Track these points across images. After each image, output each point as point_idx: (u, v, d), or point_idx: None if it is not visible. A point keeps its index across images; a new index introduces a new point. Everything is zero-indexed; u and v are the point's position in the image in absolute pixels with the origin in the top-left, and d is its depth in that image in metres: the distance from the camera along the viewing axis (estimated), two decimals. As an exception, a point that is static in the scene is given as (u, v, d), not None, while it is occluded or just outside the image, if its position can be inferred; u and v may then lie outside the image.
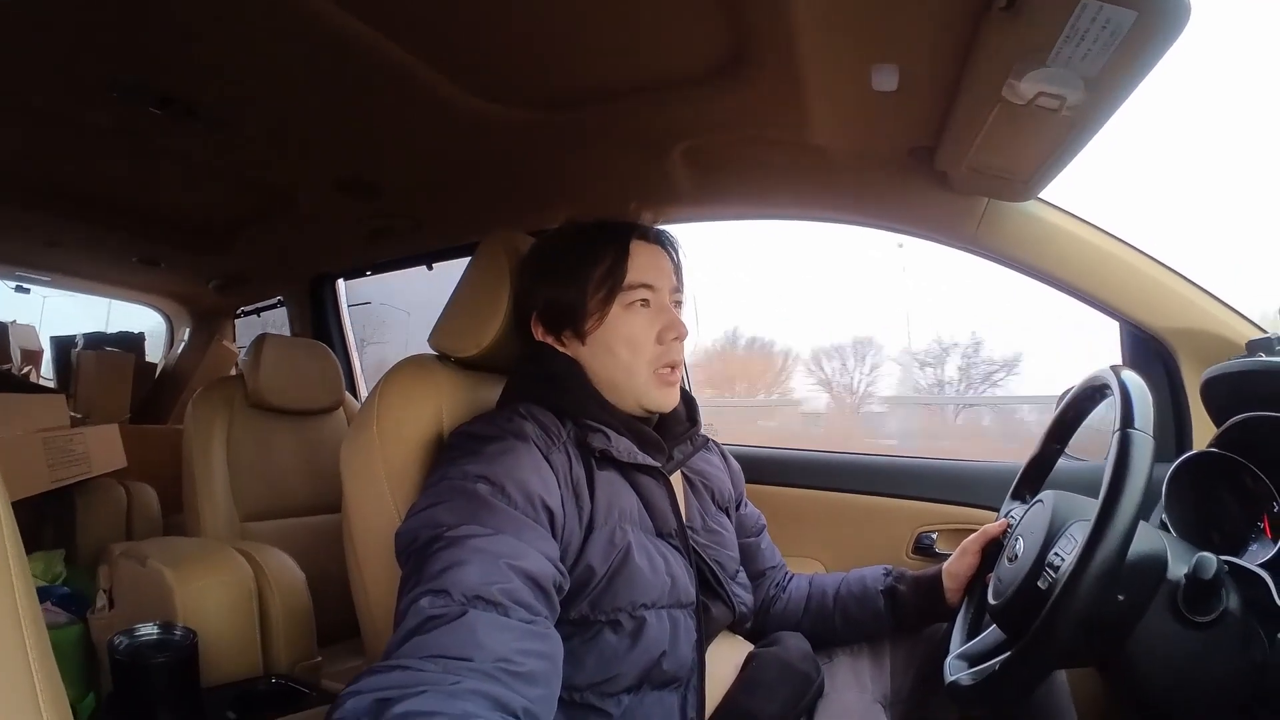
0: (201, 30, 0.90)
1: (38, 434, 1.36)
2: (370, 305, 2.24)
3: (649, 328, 0.81)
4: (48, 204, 1.61)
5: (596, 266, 0.81)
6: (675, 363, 0.82)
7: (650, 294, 0.82)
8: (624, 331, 0.81)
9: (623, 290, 0.81)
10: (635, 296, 0.81)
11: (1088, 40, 0.60)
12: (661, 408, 0.83)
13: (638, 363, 0.81)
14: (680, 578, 0.76)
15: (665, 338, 0.81)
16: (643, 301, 0.82)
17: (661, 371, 0.81)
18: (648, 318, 0.82)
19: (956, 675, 0.71)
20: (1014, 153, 0.85)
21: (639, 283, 0.81)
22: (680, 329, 0.82)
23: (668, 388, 0.82)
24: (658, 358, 0.81)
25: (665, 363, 0.82)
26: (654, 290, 0.82)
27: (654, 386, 0.81)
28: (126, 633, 0.90)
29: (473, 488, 0.65)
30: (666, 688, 0.73)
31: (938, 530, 1.18)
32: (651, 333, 0.81)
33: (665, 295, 0.83)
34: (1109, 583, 0.58)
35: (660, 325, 0.82)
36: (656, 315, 0.82)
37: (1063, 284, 1.04)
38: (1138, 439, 0.61)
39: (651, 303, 0.82)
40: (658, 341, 0.81)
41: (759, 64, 0.84)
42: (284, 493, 1.55)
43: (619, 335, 0.81)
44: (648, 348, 0.81)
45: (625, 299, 0.81)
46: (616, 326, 0.81)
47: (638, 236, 0.84)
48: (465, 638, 0.53)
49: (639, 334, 0.81)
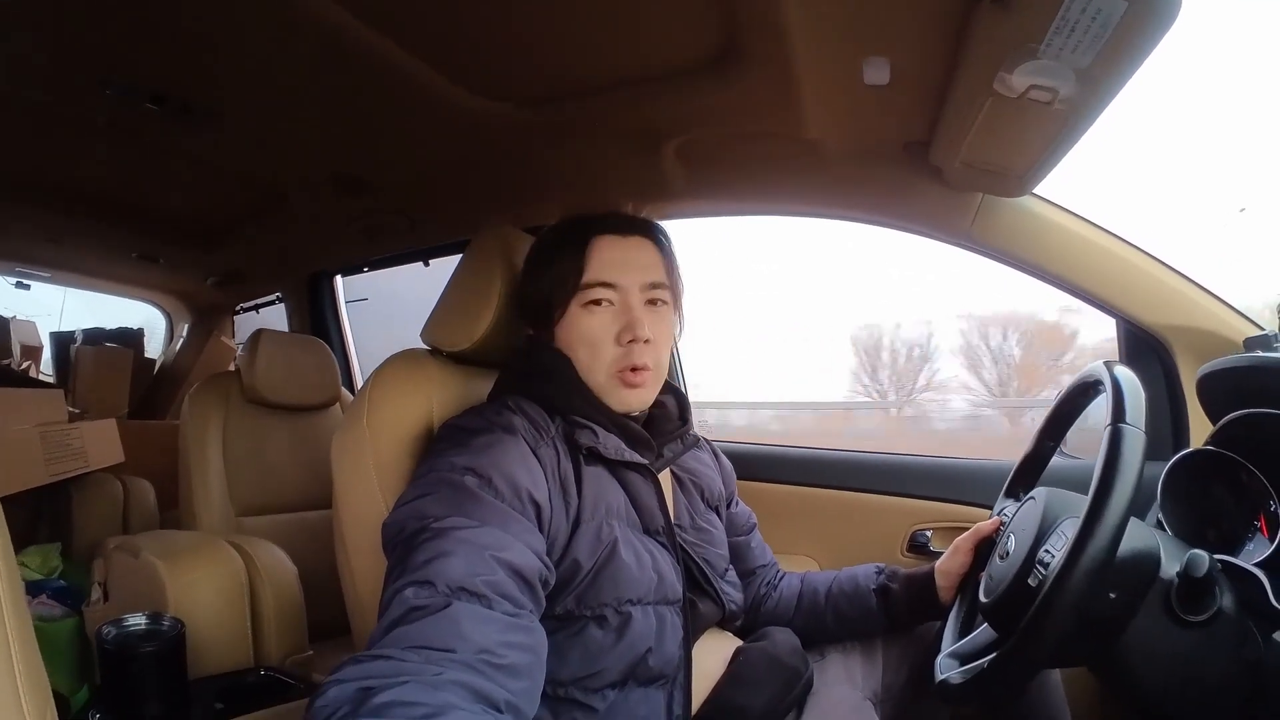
0: (194, 28, 0.90)
1: (36, 428, 1.37)
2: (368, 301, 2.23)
3: (608, 328, 0.79)
4: (46, 200, 1.62)
5: (556, 264, 0.80)
6: (637, 365, 0.78)
7: (611, 293, 0.79)
8: (581, 331, 0.79)
9: (580, 289, 0.79)
10: (591, 296, 0.79)
11: (1078, 32, 0.60)
12: (623, 408, 0.80)
13: (596, 364, 0.79)
14: (667, 574, 0.76)
15: (623, 339, 0.78)
16: (603, 301, 0.79)
17: (622, 374, 0.78)
18: (608, 318, 0.79)
19: (947, 673, 0.70)
20: (1007, 147, 0.84)
21: (597, 281, 0.78)
22: (638, 331, 0.77)
23: (628, 389, 0.79)
24: (617, 360, 0.78)
25: (625, 365, 0.78)
26: (616, 289, 0.79)
27: (615, 387, 0.79)
28: (115, 623, 0.91)
29: (460, 480, 0.65)
30: (652, 684, 0.73)
31: (932, 528, 1.17)
32: (610, 334, 0.78)
33: (632, 293, 0.79)
34: (1099, 579, 0.57)
35: (619, 326, 0.78)
36: (618, 315, 0.79)
37: (1058, 280, 1.03)
38: (1129, 433, 0.60)
39: (615, 302, 0.79)
40: (616, 342, 0.78)
41: (751, 58, 0.84)
42: (279, 488, 1.55)
43: (577, 335, 0.79)
44: (606, 349, 0.78)
45: (582, 298, 0.79)
46: (574, 326, 0.79)
47: (604, 231, 0.81)
48: (448, 629, 0.53)
49: (596, 335, 0.78)
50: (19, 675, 0.36)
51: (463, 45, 0.91)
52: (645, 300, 0.80)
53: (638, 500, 0.77)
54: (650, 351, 0.79)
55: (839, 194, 1.15)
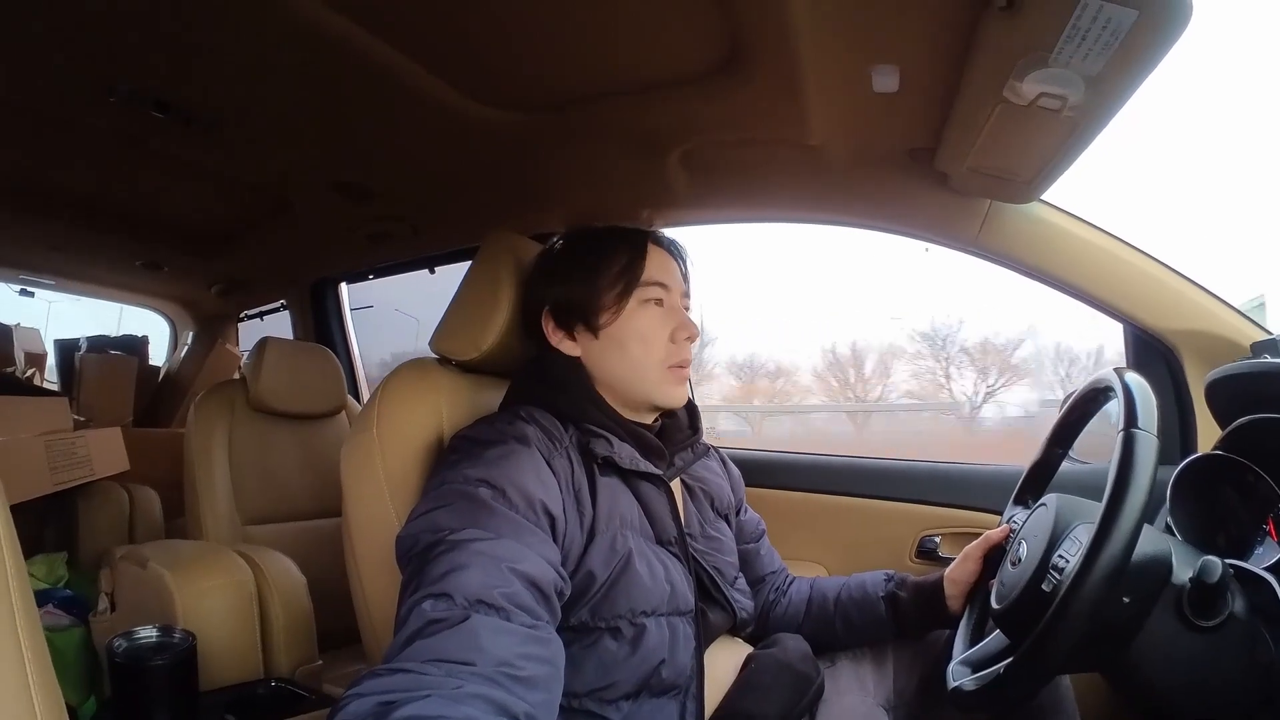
0: (199, 36, 0.90)
1: (40, 437, 1.37)
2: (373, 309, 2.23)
3: (663, 325, 0.83)
4: (50, 208, 1.62)
5: (614, 262, 0.83)
6: (686, 361, 0.84)
7: (664, 293, 0.84)
8: (639, 327, 0.82)
9: (640, 286, 0.82)
10: (651, 294, 0.83)
11: (1089, 40, 0.60)
12: (673, 404, 0.84)
13: (650, 359, 0.82)
14: (679, 585, 0.76)
15: (678, 336, 0.83)
16: (657, 300, 0.83)
17: (673, 368, 0.83)
18: (661, 316, 0.83)
19: (960, 680, 0.70)
20: (1015, 154, 0.84)
21: (655, 280, 0.83)
22: (692, 329, 0.84)
23: (679, 385, 0.84)
24: (670, 355, 0.83)
25: (676, 360, 0.83)
26: (668, 290, 0.84)
27: (666, 383, 0.83)
28: (125, 635, 0.90)
29: (474, 491, 0.65)
30: (665, 695, 0.73)
31: (941, 534, 1.17)
32: (665, 330, 0.83)
33: (678, 297, 0.85)
34: (1114, 584, 0.57)
35: (674, 324, 0.83)
36: (670, 314, 0.84)
37: (1067, 286, 1.03)
38: (1142, 439, 0.60)
39: (665, 302, 0.84)
40: (670, 340, 0.83)
41: (758, 65, 0.84)
42: (285, 496, 1.55)
43: (633, 330, 0.82)
44: (660, 345, 0.82)
45: (641, 295, 0.82)
46: (631, 321, 0.82)
47: (654, 241, 0.86)
48: (467, 642, 0.53)
49: (653, 330, 0.82)
50: (33, 687, 0.36)
51: (468, 53, 0.91)
52: (683, 307, 0.87)
53: (650, 511, 0.77)
54: (690, 350, 0.85)
55: (845, 201, 1.15)
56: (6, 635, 0.35)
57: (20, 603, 0.37)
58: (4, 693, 0.34)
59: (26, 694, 0.35)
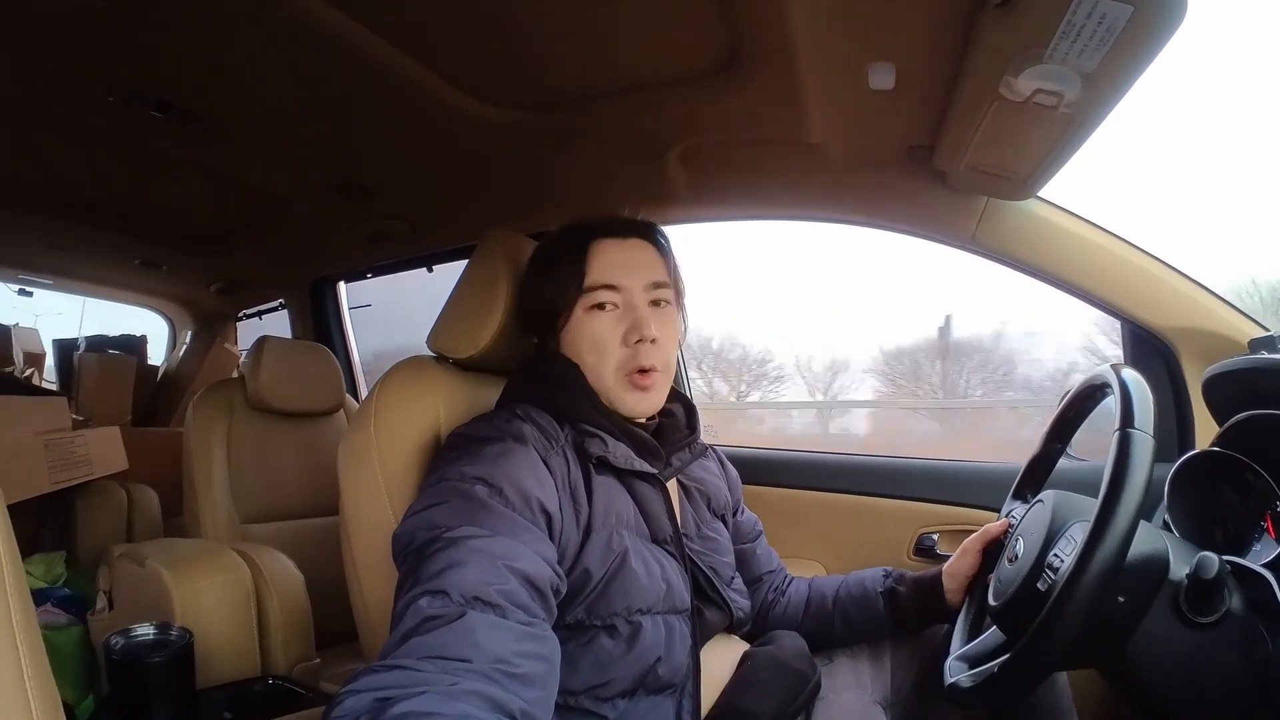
0: (197, 35, 0.90)
1: (39, 436, 1.37)
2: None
3: (614, 330, 0.79)
4: (49, 207, 1.62)
5: (558, 269, 0.80)
6: (645, 367, 0.78)
7: (615, 295, 0.79)
8: (587, 334, 0.79)
9: (583, 293, 0.79)
10: (595, 299, 0.79)
11: (1084, 36, 0.60)
12: (631, 413, 0.80)
13: (603, 366, 0.79)
14: (675, 583, 0.76)
15: (630, 340, 0.78)
16: (607, 304, 0.79)
17: (631, 376, 0.79)
18: (613, 320, 0.79)
19: (956, 677, 0.70)
20: (1012, 151, 0.84)
21: (600, 283, 0.79)
22: (645, 331, 0.78)
23: (638, 392, 0.79)
24: (625, 362, 0.79)
25: (634, 367, 0.78)
26: (620, 290, 0.79)
27: (622, 390, 0.79)
28: (122, 633, 0.91)
29: (470, 489, 0.65)
30: (662, 692, 0.73)
31: (939, 531, 1.17)
32: (616, 336, 0.79)
33: (636, 294, 0.80)
34: (1109, 583, 0.57)
35: (625, 327, 0.79)
36: (623, 317, 0.79)
37: (1063, 283, 1.03)
38: (1138, 439, 0.60)
39: (619, 304, 0.80)
40: (623, 344, 0.79)
41: (756, 64, 0.84)
42: (284, 495, 1.55)
43: (583, 338, 0.79)
44: (613, 351, 0.79)
45: (586, 301, 0.79)
46: (580, 329, 0.80)
47: (603, 235, 0.81)
48: (463, 638, 0.53)
49: (602, 337, 0.79)
50: (29, 685, 0.36)
51: (467, 52, 0.91)
52: (649, 301, 0.81)
53: (646, 509, 0.77)
54: (658, 352, 0.79)
55: (842, 198, 1.15)
56: (2, 634, 0.35)
57: (17, 601, 0.37)
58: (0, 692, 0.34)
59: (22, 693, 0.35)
